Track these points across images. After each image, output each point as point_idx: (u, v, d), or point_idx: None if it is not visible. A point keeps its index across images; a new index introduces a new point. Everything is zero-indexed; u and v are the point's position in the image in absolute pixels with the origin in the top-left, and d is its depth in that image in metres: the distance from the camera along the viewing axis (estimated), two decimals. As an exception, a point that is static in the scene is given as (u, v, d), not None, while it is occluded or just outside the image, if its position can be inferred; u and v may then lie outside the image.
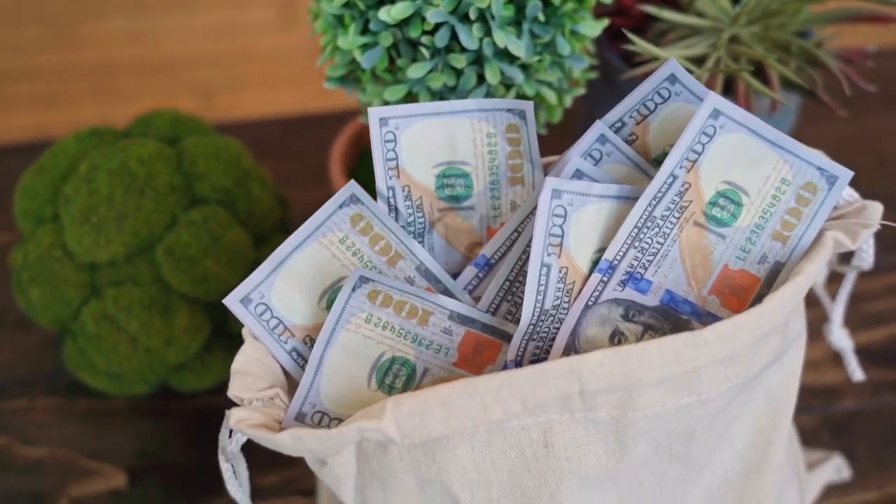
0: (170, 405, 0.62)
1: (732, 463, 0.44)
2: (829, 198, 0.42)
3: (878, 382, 0.65)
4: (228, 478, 0.45)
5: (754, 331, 0.39)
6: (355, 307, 0.42)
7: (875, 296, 0.69)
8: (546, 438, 0.40)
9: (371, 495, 0.42)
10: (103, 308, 0.54)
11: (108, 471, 0.60)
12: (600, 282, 0.41)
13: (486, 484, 0.40)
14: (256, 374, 0.41)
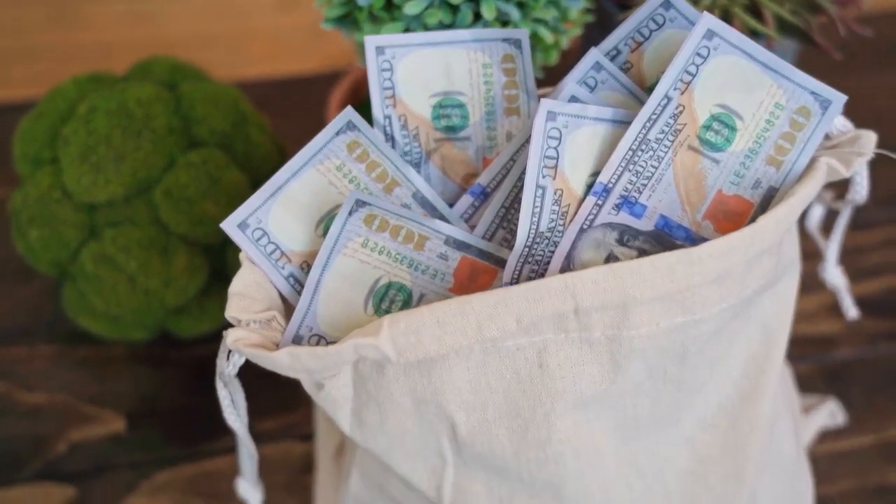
0: (169, 353, 0.63)
1: (727, 390, 0.45)
2: (823, 122, 0.42)
3: (874, 332, 0.65)
4: (226, 406, 0.45)
5: (748, 249, 0.39)
6: (352, 232, 0.42)
7: (871, 249, 0.69)
8: (541, 358, 0.40)
9: (367, 418, 0.42)
10: (102, 249, 0.54)
11: (107, 416, 0.60)
12: (595, 205, 0.41)
13: (482, 405, 0.41)
14: (254, 297, 0.42)
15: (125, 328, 0.58)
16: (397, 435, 0.42)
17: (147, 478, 0.57)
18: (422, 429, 0.42)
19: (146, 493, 0.57)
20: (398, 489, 0.46)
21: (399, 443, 0.42)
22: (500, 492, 0.43)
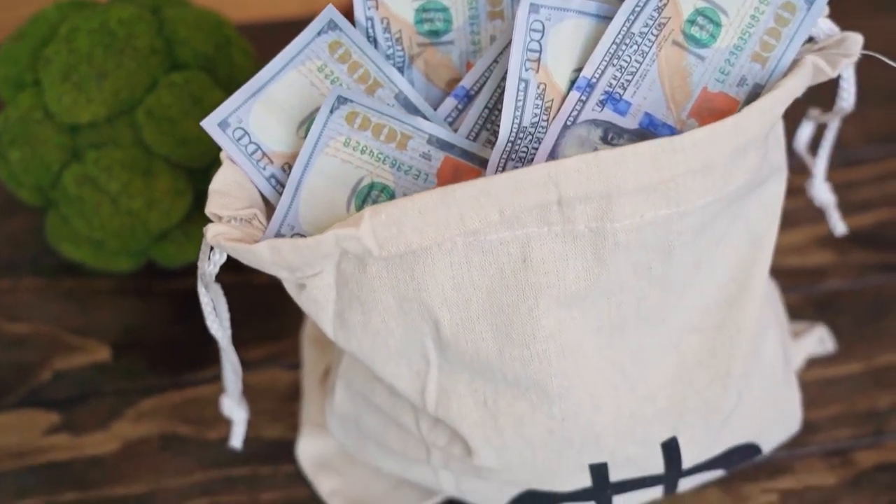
0: (154, 286, 0.62)
1: (713, 294, 0.44)
2: (808, 18, 0.42)
3: (864, 264, 0.65)
4: (208, 313, 0.44)
5: (732, 140, 0.39)
6: (333, 130, 0.42)
7: (861, 184, 0.69)
8: (524, 253, 0.39)
9: (350, 319, 0.42)
10: (84, 170, 0.53)
11: (92, 345, 0.60)
12: (578, 100, 0.41)
13: (465, 302, 0.40)
14: (235, 195, 0.41)
15: (109, 256, 0.58)
16: (381, 336, 0.42)
17: (132, 405, 0.57)
18: (405, 329, 0.41)
19: (131, 419, 0.56)
20: (382, 398, 0.46)
21: (382, 344, 0.42)
22: (485, 392, 0.43)
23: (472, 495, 0.48)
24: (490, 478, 0.45)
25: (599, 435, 0.43)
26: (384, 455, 0.49)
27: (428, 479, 0.48)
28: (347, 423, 0.49)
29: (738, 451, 0.47)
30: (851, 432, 0.57)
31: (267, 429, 0.56)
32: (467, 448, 0.44)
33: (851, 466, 0.55)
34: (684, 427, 0.44)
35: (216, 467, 0.55)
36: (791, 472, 0.55)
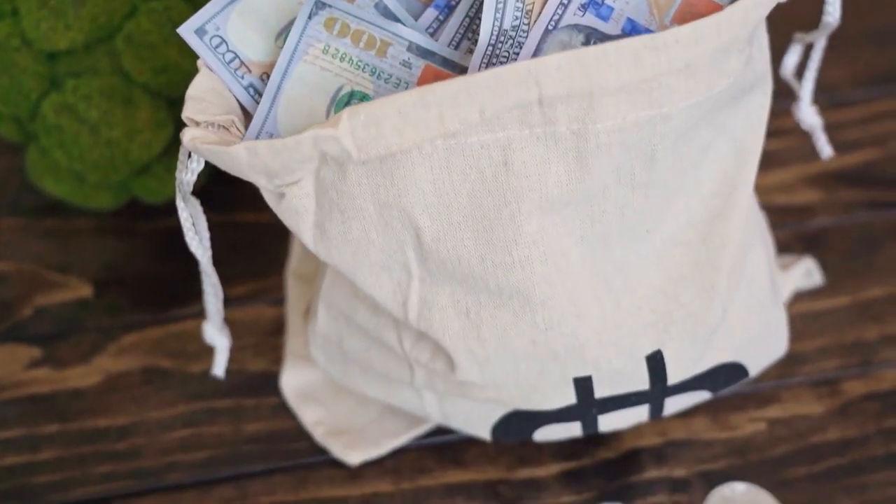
0: (136, 225, 0.62)
1: (697, 207, 0.44)
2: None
3: (851, 202, 0.64)
4: (187, 230, 0.44)
5: (715, 38, 0.38)
6: (312, 37, 0.41)
7: (850, 125, 0.68)
8: (505, 156, 0.39)
9: (330, 229, 0.41)
10: (63, 99, 0.53)
11: (74, 283, 0.59)
12: (560, 4, 0.41)
13: (446, 207, 0.40)
14: (212, 102, 0.41)
15: (90, 192, 0.57)
16: (361, 246, 0.41)
17: (114, 340, 0.57)
18: (386, 238, 0.41)
19: (113, 353, 0.56)
20: (365, 316, 0.46)
21: (364, 255, 0.42)
22: (467, 303, 0.42)
23: (457, 419, 0.48)
24: (474, 395, 0.45)
25: (583, 346, 0.42)
26: (368, 379, 0.48)
27: (412, 402, 0.48)
28: (330, 347, 0.49)
29: (724, 371, 0.47)
30: (839, 363, 0.57)
31: (250, 362, 0.56)
32: (450, 362, 0.44)
33: (839, 396, 0.55)
34: (669, 340, 0.44)
35: (199, 400, 0.54)
36: (779, 402, 0.55)
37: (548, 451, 0.52)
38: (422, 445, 0.53)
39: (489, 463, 0.52)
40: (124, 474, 0.51)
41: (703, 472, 0.52)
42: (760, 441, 0.53)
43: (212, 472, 0.51)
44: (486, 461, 0.52)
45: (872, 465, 0.52)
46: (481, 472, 0.52)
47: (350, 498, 0.51)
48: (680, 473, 0.52)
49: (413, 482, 0.51)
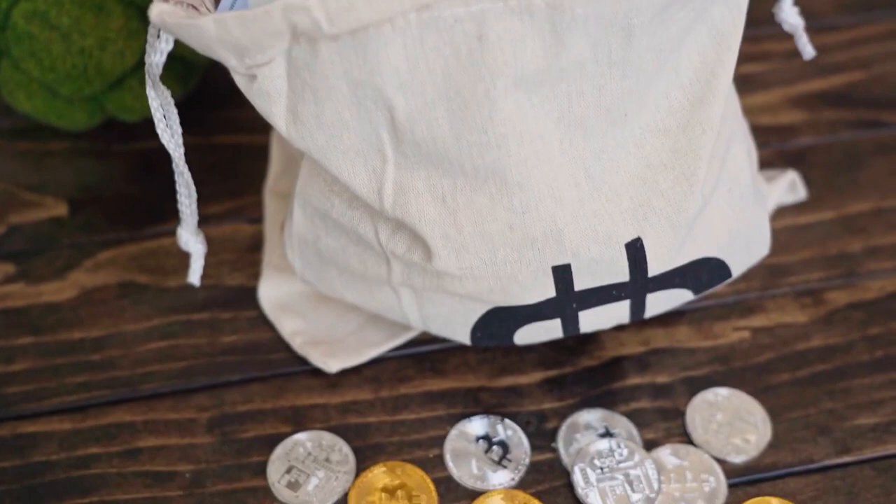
0: (112, 147, 0.61)
1: (676, 95, 0.43)
2: None
3: (835, 121, 0.64)
4: (158, 121, 0.43)
5: None
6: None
7: (835, 48, 0.68)
8: (480, 31, 0.38)
9: (303, 112, 0.40)
10: (34, 5, 0.52)
11: (49, 202, 0.58)
12: None
13: (420, 86, 0.39)
14: (180, -20, 0.40)
15: (64, 108, 0.56)
16: (335, 129, 0.41)
17: (89, 256, 0.56)
18: (360, 120, 0.40)
19: (88, 269, 0.55)
20: (340, 210, 0.45)
21: (337, 139, 0.41)
22: (443, 188, 0.42)
23: (436, 321, 0.47)
24: (452, 289, 0.44)
25: (562, 231, 0.42)
26: (345, 280, 0.48)
27: (390, 304, 0.47)
28: (306, 249, 0.48)
29: (706, 267, 0.46)
30: (823, 274, 0.56)
31: (227, 277, 0.55)
32: (427, 251, 0.43)
33: (823, 305, 0.55)
34: (649, 228, 0.43)
35: (175, 313, 0.53)
36: (763, 311, 0.54)
37: (529, 361, 0.52)
38: (402, 355, 0.52)
39: (470, 372, 0.51)
40: (99, 384, 0.50)
41: (687, 379, 0.51)
42: (744, 349, 0.53)
43: (188, 382, 0.51)
44: (466, 370, 0.51)
45: (857, 371, 0.52)
46: (462, 381, 0.51)
47: (329, 406, 0.50)
48: (663, 380, 0.51)
49: (393, 390, 0.51)
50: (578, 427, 0.49)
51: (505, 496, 0.47)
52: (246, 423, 0.49)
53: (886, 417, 0.50)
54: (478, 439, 0.49)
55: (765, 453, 0.49)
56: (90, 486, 0.47)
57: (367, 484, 0.47)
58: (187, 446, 0.48)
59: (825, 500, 0.47)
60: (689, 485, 0.47)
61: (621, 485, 0.47)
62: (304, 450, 0.48)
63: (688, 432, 0.49)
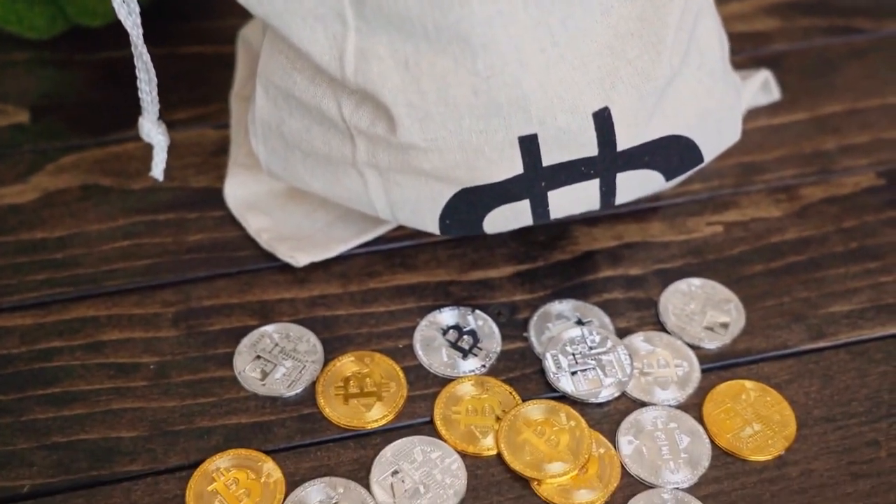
0: (75, 56, 0.60)
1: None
2: None
3: (809, 28, 0.63)
4: (118, 6, 0.42)
5: None
6: None
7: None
8: None
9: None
10: None
11: (9, 109, 0.57)
12: None
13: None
14: None
15: (24, 10, 0.55)
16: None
17: (51, 160, 0.55)
18: (319, -19, 0.39)
19: (50, 172, 0.54)
20: (302, 87, 0.44)
21: (296, 2, 0.40)
22: (406, 52, 0.41)
23: (404, 209, 0.46)
24: (418, 165, 0.43)
25: (527, 98, 0.41)
26: (310, 166, 0.47)
27: (357, 190, 0.46)
28: (270, 135, 0.47)
29: (676, 146, 0.46)
30: (798, 171, 0.55)
31: (193, 180, 0.54)
32: (391, 122, 0.42)
33: (797, 200, 0.54)
34: (617, 97, 0.42)
35: (140, 213, 0.52)
36: (736, 207, 0.54)
37: (500, 256, 0.51)
38: (370, 252, 0.51)
39: (440, 267, 0.51)
40: (62, 281, 0.49)
41: (660, 271, 0.51)
42: (718, 242, 0.52)
43: (153, 279, 0.50)
44: (436, 265, 0.51)
45: (831, 261, 0.51)
46: (432, 275, 0.50)
47: (297, 300, 0.49)
48: (636, 272, 0.51)
49: (362, 285, 0.50)
50: (550, 317, 0.49)
51: (475, 382, 0.46)
52: (212, 317, 0.48)
53: (861, 305, 0.50)
54: (448, 329, 0.48)
55: (738, 339, 0.48)
56: (52, 378, 0.46)
57: (335, 373, 0.46)
58: (152, 339, 0.47)
59: (800, 383, 0.47)
60: (662, 370, 0.47)
61: (593, 370, 0.46)
62: (271, 341, 0.47)
63: (661, 321, 0.49)
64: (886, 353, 0.48)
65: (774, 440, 0.44)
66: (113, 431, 0.44)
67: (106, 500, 0.42)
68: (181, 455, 0.43)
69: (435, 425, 0.45)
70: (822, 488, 0.43)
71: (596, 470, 0.43)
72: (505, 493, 0.43)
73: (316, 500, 0.42)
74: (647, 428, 0.44)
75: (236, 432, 0.44)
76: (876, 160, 0.56)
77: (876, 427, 0.45)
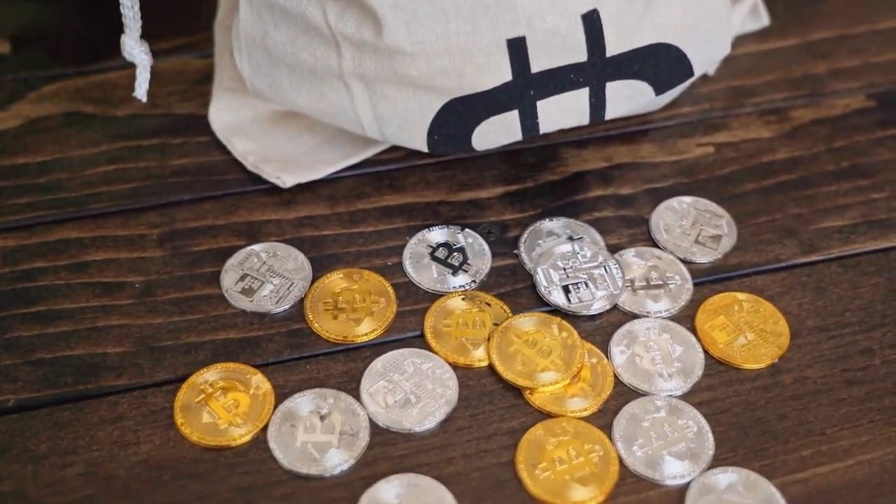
0: (56, -11, 0.59)
1: None
2: None
3: (798, -42, 0.63)
4: None
5: None
6: None
7: None
8: None
9: None
10: None
11: (-10, 40, 0.56)
12: None
13: None
14: None
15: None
16: None
17: (34, 89, 0.54)
18: None
19: (32, 101, 0.53)
20: (287, -5, 0.43)
21: None
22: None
23: (391, 124, 0.46)
24: (405, 72, 0.43)
25: (515, -3, 0.40)
26: (296, 81, 0.46)
27: (343, 105, 0.46)
28: (255, 49, 0.46)
29: (665, 55, 0.45)
30: (788, 94, 0.55)
31: (177, 107, 0.53)
32: (377, 26, 0.41)
33: (788, 122, 0.54)
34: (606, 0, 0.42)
35: (123, 139, 0.52)
36: (727, 129, 0.53)
37: (490, 177, 0.51)
38: (358, 174, 0.51)
39: (429, 188, 0.50)
40: (45, 204, 0.49)
41: (650, 190, 0.50)
42: (708, 162, 0.52)
43: (137, 202, 0.49)
44: (425, 187, 0.50)
45: (822, 180, 0.51)
46: (421, 196, 0.50)
47: (283, 221, 0.48)
48: (626, 191, 0.50)
49: (350, 206, 0.49)
50: (541, 234, 0.48)
51: (466, 297, 0.45)
52: (198, 238, 0.48)
53: (853, 220, 0.49)
54: (437, 247, 0.47)
55: (730, 255, 0.48)
56: (36, 297, 0.45)
57: (323, 289, 0.46)
58: (137, 259, 0.47)
59: (792, 295, 0.46)
60: (654, 283, 0.46)
61: (585, 283, 0.46)
62: (258, 259, 0.47)
63: (652, 237, 0.48)
64: (879, 265, 0.47)
65: (768, 349, 0.44)
66: (98, 347, 0.43)
67: (93, 412, 0.41)
68: (168, 370, 0.43)
69: (426, 338, 0.44)
70: (817, 394, 0.43)
71: (588, 379, 0.43)
72: (497, 402, 0.42)
73: (306, 411, 0.41)
74: (640, 338, 0.44)
75: (224, 347, 0.44)
76: (866, 83, 0.56)
77: (870, 336, 0.45)
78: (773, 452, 0.41)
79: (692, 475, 0.40)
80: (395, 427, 0.41)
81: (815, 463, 0.41)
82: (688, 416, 0.42)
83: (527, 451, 0.40)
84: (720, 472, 0.40)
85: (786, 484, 0.40)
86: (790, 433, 0.41)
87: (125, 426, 0.41)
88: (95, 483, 0.39)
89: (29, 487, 0.39)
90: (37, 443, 0.40)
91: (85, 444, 0.40)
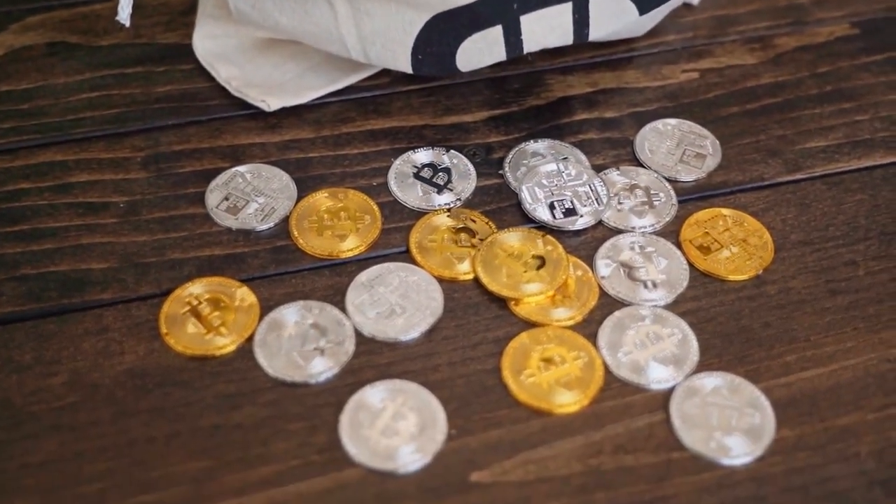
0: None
1: None
2: None
3: None
4: None
5: None
6: None
7: None
8: None
9: None
10: None
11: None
12: None
13: None
14: None
15: None
16: None
17: (16, 20, 0.54)
18: None
19: (15, 31, 0.53)
20: None
21: None
22: None
23: (375, 44, 0.46)
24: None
25: None
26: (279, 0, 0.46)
27: (327, 25, 0.46)
28: (238, -31, 0.46)
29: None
30: (772, 23, 0.55)
31: (161, 37, 0.53)
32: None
33: (772, 49, 0.54)
34: None
35: (107, 68, 0.51)
36: (711, 56, 0.53)
37: (474, 102, 0.51)
38: (343, 100, 0.51)
39: (413, 113, 0.50)
40: (29, 129, 0.48)
41: (635, 113, 0.50)
42: (693, 87, 0.52)
43: (121, 127, 0.49)
44: (410, 111, 0.50)
45: (806, 103, 0.51)
46: (406, 120, 0.50)
47: (268, 144, 0.48)
48: (611, 114, 0.50)
49: (335, 130, 0.49)
50: (526, 155, 0.48)
51: (451, 213, 0.45)
52: (182, 161, 0.48)
53: (836, 141, 0.49)
54: (422, 167, 0.47)
55: (714, 173, 0.48)
56: (20, 216, 0.45)
57: (308, 207, 0.45)
58: (122, 181, 0.47)
59: (777, 211, 0.46)
60: (638, 199, 0.46)
61: (570, 200, 0.46)
62: (243, 180, 0.46)
63: (637, 157, 0.48)
64: (862, 183, 0.48)
65: (752, 261, 0.44)
66: (83, 264, 0.43)
67: (77, 325, 0.41)
68: (153, 284, 0.43)
69: (411, 253, 0.44)
70: (801, 304, 0.43)
71: (573, 290, 0.43)
72: (482, 312, 0.42)
73: (291, 321, 0.41)
74: (625, 251, 0.44)
75: (209, 263, 0.44)
76: (850, 12, 0.56)
77: (854, 249, 0.45)
78: (757, 358, 0.41)
79: (677, 380, 0.40)
80: (380, 336, 0.41)
81: (800, 368, 0.41)
82: (673, 325, 0.42)
83: (512, 357, 0.40)
84: (705, 376, 0.40)
85: (770, 388, 0.40)
86: (775, 340, 0.42)
87: (110, 337, 0.41)
88: (80, 391, 0.39)
89: (14, 396, 0.39)
90: (21, 353, 0.40)
91: (69, 355, 0.40)
